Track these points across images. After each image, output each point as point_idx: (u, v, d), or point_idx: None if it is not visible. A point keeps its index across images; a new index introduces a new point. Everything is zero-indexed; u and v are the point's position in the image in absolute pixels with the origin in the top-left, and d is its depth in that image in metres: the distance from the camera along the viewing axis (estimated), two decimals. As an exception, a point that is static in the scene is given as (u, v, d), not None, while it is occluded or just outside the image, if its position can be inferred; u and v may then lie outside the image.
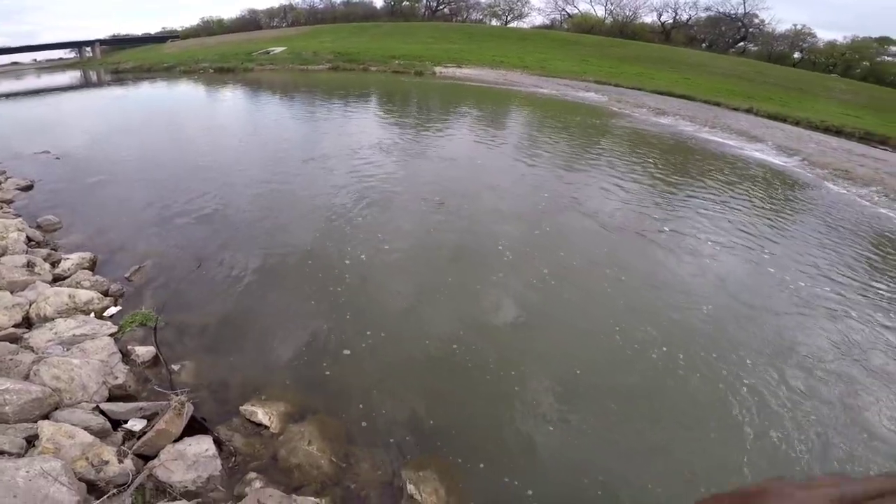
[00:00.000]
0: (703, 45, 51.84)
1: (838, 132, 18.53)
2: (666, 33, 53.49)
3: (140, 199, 7.35)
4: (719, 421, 3.80)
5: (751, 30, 50.53)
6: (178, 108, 16.43)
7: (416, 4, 62.14)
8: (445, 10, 62.54)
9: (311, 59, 30.34)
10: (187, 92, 20.87)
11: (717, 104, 21.43)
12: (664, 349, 4.58)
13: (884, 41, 44.95)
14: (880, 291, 6.34)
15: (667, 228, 7.56)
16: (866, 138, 18.47)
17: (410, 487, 3.05)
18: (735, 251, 7.03)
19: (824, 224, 8.66)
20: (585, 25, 53.39)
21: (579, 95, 21.82)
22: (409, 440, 3.43)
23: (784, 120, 19.50)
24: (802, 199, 10.04)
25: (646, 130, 15.26)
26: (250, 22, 60.72)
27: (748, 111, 20.45)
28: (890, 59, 44.75)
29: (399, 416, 3.62)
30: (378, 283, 5.31)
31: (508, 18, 61.60)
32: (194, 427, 3.21)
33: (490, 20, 62.05)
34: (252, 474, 3.03)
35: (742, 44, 51.41)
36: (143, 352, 3.88)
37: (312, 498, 2.82)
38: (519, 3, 60.50)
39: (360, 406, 3.67)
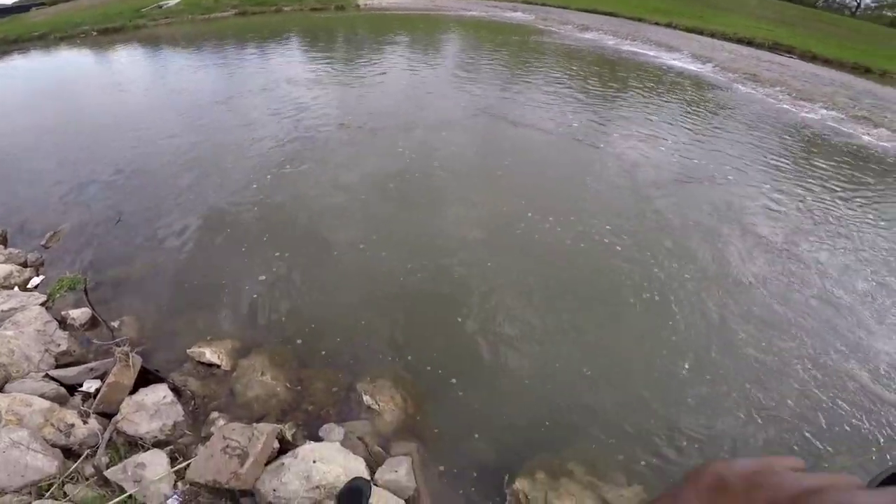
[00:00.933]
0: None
1: (749, 42, 19.53)
2: (589, -53, 52.02)
3: (41, 169, 6.64)
4: (596, 289, 4.37)
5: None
6: (65, 76, 14.06)
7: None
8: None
9: (213, 7, 26.69)
10: (71, 58, 17.76)
11: (640, 20, 21.68)
12: (542, 217, 5.26)
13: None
14: (773, 164, 7.27)
15: (575, 124, 8.10)
16: (775, 48, 19.59)
17: (367, 398, 3.26)
18: (638, 139, 7.67)
19: (730, 117, 9.45)
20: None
21: (507, 16, 21.33)
22: (354, 354, 3.61)
23: (701, 32, 20.22)
24: (712, 98, 10.77)
25: (569, 45, 15.39)
26: (134, -24, 51.81)
27: (668, 25, 20.94)
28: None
29: (339, 331, 3.79)
30: (287, 204, 5.47)
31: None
32: (148, 378, 3.24)
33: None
34: (214, 414, 3.12)
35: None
36: (79, 314, 3.77)
37: (274, 424, 2.95)
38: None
39: (303, 329, 3.81)
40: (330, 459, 2.68)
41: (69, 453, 2.71)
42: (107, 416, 2.99)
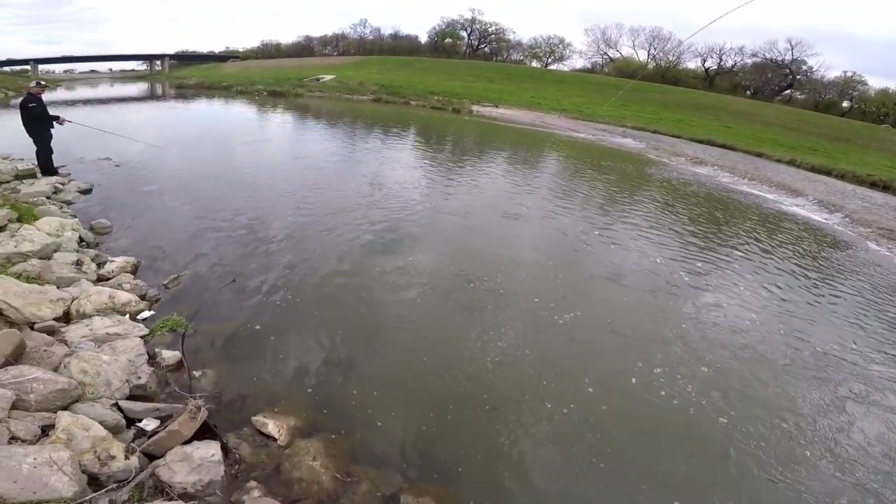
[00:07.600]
0: (748, 92, 51.13)
1: (886, 187, 17.64)
2: (709, 79, 53.25)
3: (186, 212, 7.82)
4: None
5: (798, 77, 49.50)
6: (231, 126, 18.40)
7: (458, 42, 64.52)
8: (486, 49, 64.56)
9: (356, 89, 32.16)
10: (241, 112, 23.04)
11: (760, 155, 20.92)
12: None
13: (940, 92, 42.50)
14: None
15: (675, 275, 7.24)
16: (918, 196, 17.51)
17: (410, 510, 3.06)
18: (744, 307, 6.51)
19: (857, 284, 8.12)
20: (627, 70, 53.50)
21: (616, 141, 21.77)
22: (411, 465, 3.49)
23: (828, 173, 18.79)
24: (838, 258, 9.49)
25: (680, 179, 15.08)
26: (305, 48, 65.34)
27: (791, 163, 19.86)
28: (948, 112, 42.33)
29: (404, 438, 3.71)
30: (392, 308, 5.52)
31: (549, 60, 62.88)
32: (204, 433, 3.29)
33: (530, 61, 63.49)
34: (252, 483, 3.09)
35: (788, 91, 50.35)
36: (169, 356, 4.06)
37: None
38: (560, 46, 61.96)
39: (370, 425, 3.77)
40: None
41: (96, 483, 2.69)
42: (151, 456, 3.04)
